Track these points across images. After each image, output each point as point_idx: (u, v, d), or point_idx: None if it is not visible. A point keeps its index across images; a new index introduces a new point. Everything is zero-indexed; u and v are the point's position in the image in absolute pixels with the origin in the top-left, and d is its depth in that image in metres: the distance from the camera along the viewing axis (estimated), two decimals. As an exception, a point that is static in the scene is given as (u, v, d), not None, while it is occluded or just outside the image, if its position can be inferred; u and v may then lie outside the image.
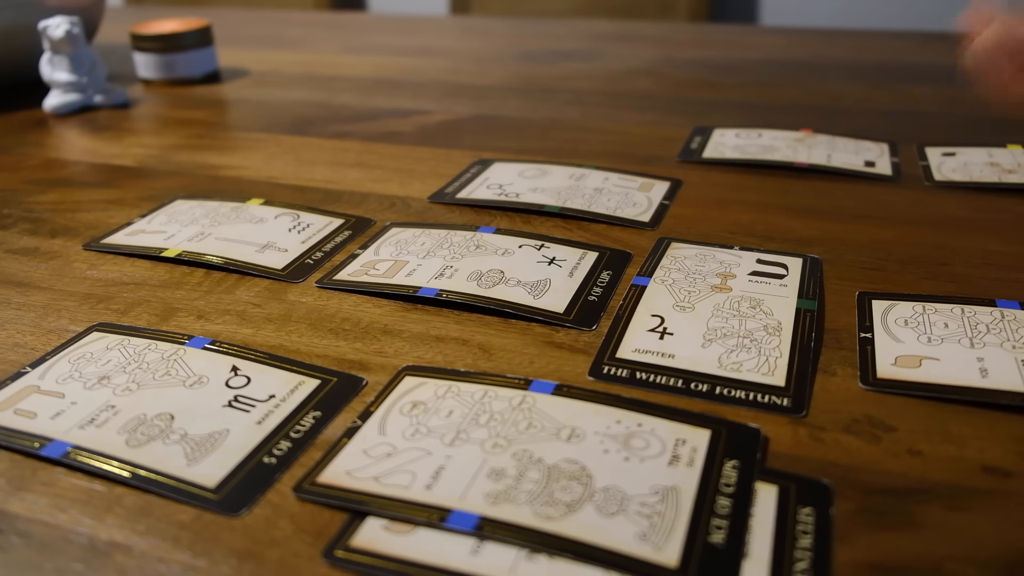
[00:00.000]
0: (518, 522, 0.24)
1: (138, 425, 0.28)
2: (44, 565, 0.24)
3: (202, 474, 0.26)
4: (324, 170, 0.53)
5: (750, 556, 0.23)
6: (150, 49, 0.76)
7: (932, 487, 0.25)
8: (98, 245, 0.43)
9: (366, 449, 0.27)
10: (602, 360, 0.32)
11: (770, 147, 0.53)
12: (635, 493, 0.25)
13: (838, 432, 0.28)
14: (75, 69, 0.67)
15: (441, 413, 0.28)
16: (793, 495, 0.25)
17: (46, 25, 0.65)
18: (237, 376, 0.31)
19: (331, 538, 0.24)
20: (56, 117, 0.67)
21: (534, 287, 0.36)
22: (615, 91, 0.71)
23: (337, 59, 0.86)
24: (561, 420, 0.28)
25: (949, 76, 0.71)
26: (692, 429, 0.27)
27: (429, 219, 0.45)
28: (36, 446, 0.28)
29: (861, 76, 0.73)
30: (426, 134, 0.60)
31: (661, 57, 0.83)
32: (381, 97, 0.71)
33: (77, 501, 0.26)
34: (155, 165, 0.55)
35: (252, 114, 0.67)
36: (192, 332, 0.34)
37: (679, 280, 0.37)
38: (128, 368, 0.32)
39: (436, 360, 0.32)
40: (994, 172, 0.49)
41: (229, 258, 0.40)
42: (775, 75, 0.75)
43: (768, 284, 0.36)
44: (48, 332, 0.35)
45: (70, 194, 0.51)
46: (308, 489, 0.26)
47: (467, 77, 0.77)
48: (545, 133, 0.59)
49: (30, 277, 0.40)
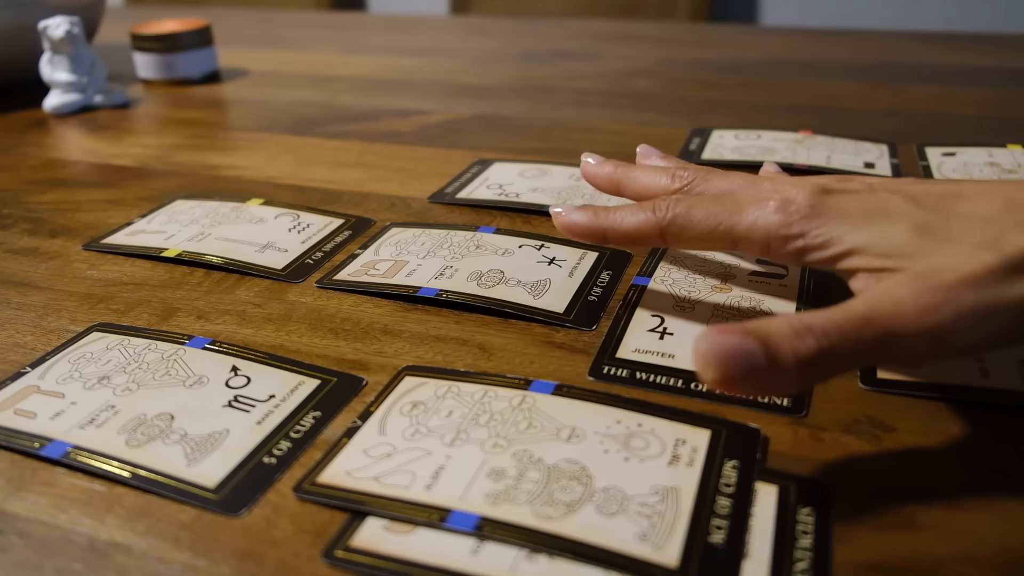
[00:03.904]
0: (518, 522, 0.24)
1: (138, 425, 0.28)
2: (44, 565, 0.24)
3: (202, 474, 0.26)
4: (324, 170, 0.53)
5: (750, 556, 0.23)
6: (150, 49, 0.76)
7: (932, 487, 0.25)
8: (98, 245, 0.43)
9: (366, 449, 0.27)
10: (602, 360, 0.32)
11: (769, 148, 0.53)
12: (635, 493, 0.25)
13: (838, 432, 0.28)
14: (75, 69, 0.67)
15: (441, 413, 0.28)
16: (793, 495, 0.25)
17: (46, 25, 0.65)
18: (237, 376, 0.31)
19: (331, 538, 0.24)
20: (56, 117, 0.67)
21: (534, 287, 0.36)
22: (615, 91, 0.71)
23: (337, 59, 0.86)
24: (561, 420, 0.28)
25: (949, 76, 0.71)
26: (692, 429, 0.27)
27: (429, 219, 0.45)
28: (36, 446, 0.28)
29: (861, 76, 0.73)
30: (426, 134, 0.60)
31: (661, 57, 0.83)
32: (381, 97, 0.71)
33: (77, 501, 0.26)
34: (155, 165, 0.55)
35: (252, 114, 0.67)
36: (192, 332, 0.34)
37: (679, 280, 0.37)
38: (128, 368, 0.32)
39: (436, 360, 0.32)
40: (994, 172, 0.49)
41: (229, 258, 0.40)
42: (775, 75, 0.75)
43: (768, 284, 0.36)
44: (48, 332, 0.35)
45: (70, 194, 0.51)
46: (308, 489, 0.26)
47: (467, 77, 0.77)
48: (545, 133, 0.59)
49: (30, 277, 0.40)
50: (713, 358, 0.24)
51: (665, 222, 0.31)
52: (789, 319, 0.25)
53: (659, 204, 0.32)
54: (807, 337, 0.24)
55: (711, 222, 0.30)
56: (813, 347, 0.24)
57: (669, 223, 0.31)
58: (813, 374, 0.25)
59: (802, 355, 0.24)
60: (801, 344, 0.24)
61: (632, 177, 0.36)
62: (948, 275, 0.25)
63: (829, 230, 0.28)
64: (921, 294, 0.25)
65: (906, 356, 0.26)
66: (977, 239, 0.26)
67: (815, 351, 0.24)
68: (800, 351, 0.24)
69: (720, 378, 0.24)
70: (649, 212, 0.32)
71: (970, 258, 0.26)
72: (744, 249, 0.30)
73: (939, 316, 0.25)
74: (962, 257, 0.26)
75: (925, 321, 0.25)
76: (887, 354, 0.25)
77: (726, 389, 0.24)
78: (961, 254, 0.26)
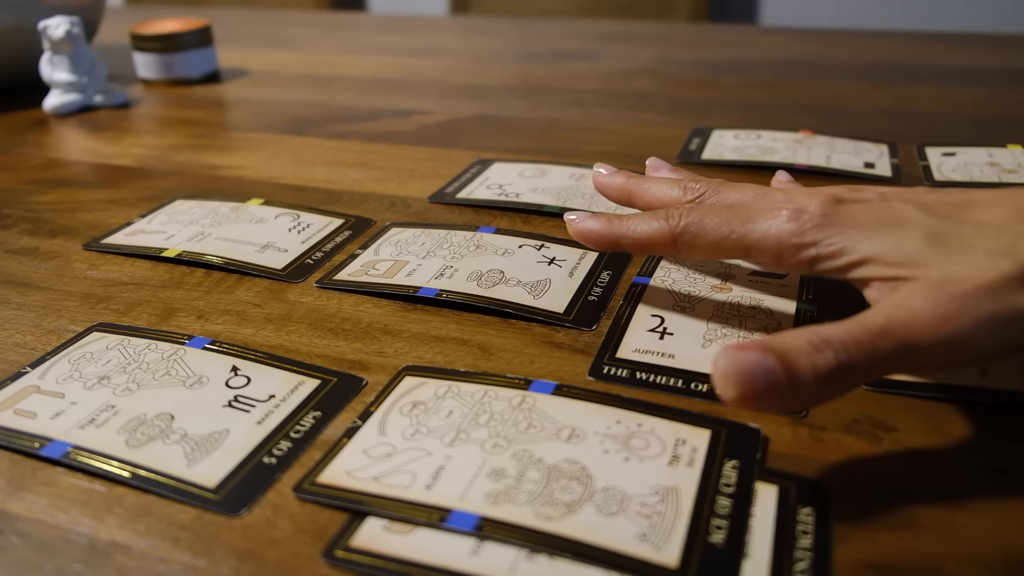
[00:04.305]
0: (518, 522, 0.24)
1: (138, 425, 0.28)
2: (44, 565, 0.24)
3: (202, 474, 0.26)
4: (324, 170, 0.53)
5: (750, 556, 0.23)
6: (150, 49, 0.76)
7: (932, 487, 0.25)
8: (98, 245, 0.43)
9: (366, 449, 0.27)
10: (602, 360, 0.32)
11: (769, 148, 0.53)
12: (635, 493, 0.25)
13: (838, 432, 0.28)
14: (75, 69, 0.67)
15: (441, 413, 0.28)
16: (793, 495, 0.25)
17: (46, 25, 0.65)
18: (237, 376, 0.31)
19: (331, 538, 0.24)
20: (56, 117, 0.67)
21: (534, 287, 0.36)
22: (615, 91, 0.71)
23: (337, 59, 0.86)
24: (561, 420, 0.28)
25: (949, 76, 0.71)
26: (692, 429, 0.27)
27: (429, 219, 0.45)
28: (36, 446, 0.28)
29: (861, 76, 0.73)
30: (426, 134, 0.60)
31: (661, 57, 0.83)
32: (381, 97, 0.71)
33: (77, 501, 0.26)
34: (155, 165, 0.55)
35: (252, 114, 0.67)
36: (192, 332, 0.34)
37: (679, 280, 0.37)
38: (128, 368, 0.32)
39: (436, 360, 0.32)
40: (994, 172, 0.49)
41: (229, 258, 0.40)
42: (775, 75, 0.75)
43: (768, 284, 0.36)
44: (48, 332, 0.35)
45: (70, 194, 0.51)
46: (308, 489, 0.26)
47: (467, 77, 0.77)
48: (545, 133, 0.59)
49: (30, 277, 0.40)
50: (733, 376, 0.24)
51: (678, 230, 0.31)
52: (806, 333, 0.25)
53: (672, 212, 0.32)
54: (825, 351, 0.24)
55: (723, 230, 0.30)
56: (832, 361, 0.24)
57: (682, 231, 0.31)
58: (832, 388, 0.25)
59: (821, 369, 0.24)
60: (820, 358, 0.24)
61: (644, 188, 0.36)
62: (964, 284, 0.25)
63: (842, 239, 0.28)
64: (938, 303, 0.25)
65: (925, 365, 0.25)
66: (991, 247, 0.26)
67: (834, 365, 0.24)
68: (819, 365, 0.24)
69: (740, 396, 0.24)
70: (662, 220, 0.32)
71: (985, 266, 0.25)
72: (756, 258, 0.30)
73: (957, 325, 0.25)
74: (977, 265, 0.26)
75: (943, 331, 0.25)
76: (906, 364, 0.25)
77: (746, 406, 0.24)
78: (976, 262, 0.26)
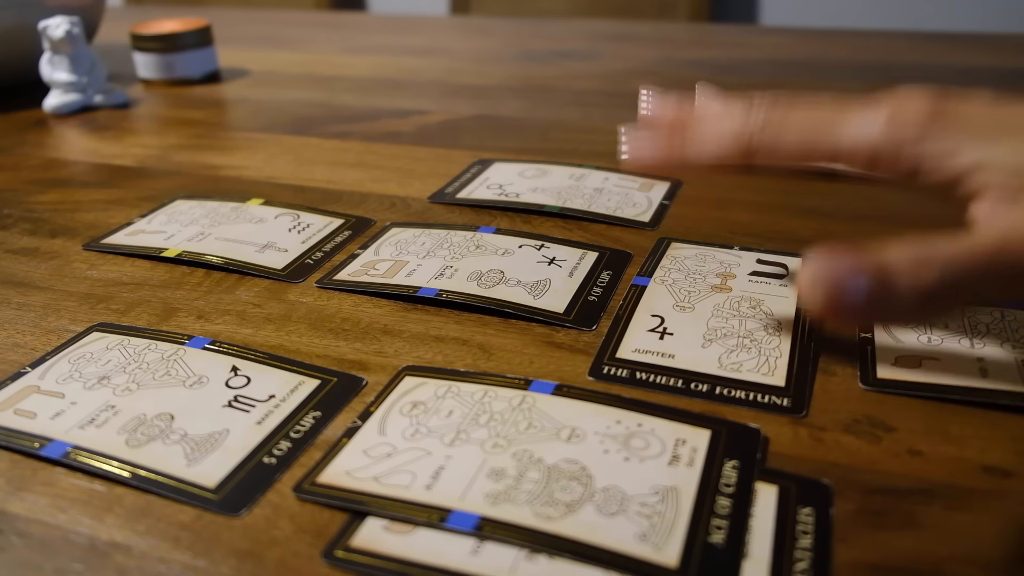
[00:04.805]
0: (518, 522, 0.24)
1: (138, 425, 0.28)
2: (44, 565, 0.24)
3: (202, 474, 0.26)
4: (324, 170, 0.53)
5: (750, 556, 0.23)
6: (150, 49, 0.76)
7: (932, 487, 0.25)
8: (98, 245, 0.43)
9: (366, 449, 0.27)
10: (602, 360, 0.32)
11: (770, 147, 0.53)
12: (635, 493, 0.25)
13: (838, 432, 0.28)
14: (75, 69, 0.67)
15: (441, 413, 0.29)
16: (793, 495, 0.25)
17: (46, 25, 0.65)
18: (237, 376, 0.31)
19: (331, 538, 0.24)
20: (56, 117, 0.67)
21: (534, 287, 0.36)
22: (615, 91, 0.71)
23: (337, 59, 0.86)
24: (561, 420, 0.28)
25: (949, 76, 0.71)
26: (692, 429, 0.27)
27: (429, 219, 0.45)
28: (36, 446, 0.28)
29: (861, 76, 0.73)
30: (426, 134, 0.60)
31: (661, 57, 0.83)
32: (381, 97, 0.71)
33: (77, 501, 0.26)
34: (155, 165, 0.55)
35: (252, 114, 0.67)
36: (192, 332, 0.34)
37: (679, 280, 0.37)
38: (128, 368, 0.32)
39: (436, 360, 0.32)
40: (994, 172, 0.48)
41: (229, 258, 0.40)
42: (775, 75, 0.75)
43: (768, 284, 0.36)
44: (48, 332, 0.35)
45: (70, 194, 0.51)
46: (308, 489, 0.26)
47: (467, 77, 0.77)
48: (545, 133, 0.59)
49: (30, 277, 0.40)
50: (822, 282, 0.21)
51: (758, 128, 0.27)
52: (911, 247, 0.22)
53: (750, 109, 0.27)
54: (931, 267, 0.21)
55: (810, 129, 0.26)
56: (935, 280, 0.21)
57: (763, 130, 0.27)
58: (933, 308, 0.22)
59: (923, 288, 0.21)
60: (924, 275, 0.21)
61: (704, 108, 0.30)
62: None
63: (953, 144, 0.24)
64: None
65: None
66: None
67: (937, 284, 0.21)
68: (921, 283, 0.21)
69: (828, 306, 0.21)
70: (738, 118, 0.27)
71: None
72: (846, 162, 0.26)
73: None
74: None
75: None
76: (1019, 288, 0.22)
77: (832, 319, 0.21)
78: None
